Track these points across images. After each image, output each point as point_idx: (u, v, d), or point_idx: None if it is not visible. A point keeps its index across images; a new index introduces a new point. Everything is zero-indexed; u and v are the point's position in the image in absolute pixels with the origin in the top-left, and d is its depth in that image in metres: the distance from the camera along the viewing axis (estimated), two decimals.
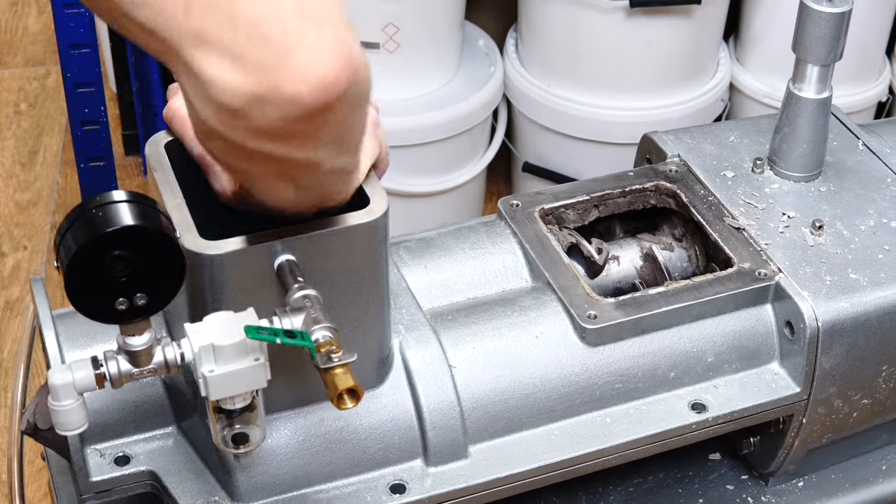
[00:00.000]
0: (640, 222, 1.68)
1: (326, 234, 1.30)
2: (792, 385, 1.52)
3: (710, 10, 2.23)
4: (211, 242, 1.28)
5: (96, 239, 1.15)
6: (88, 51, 2.18)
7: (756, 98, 2.41)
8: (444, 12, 2.27)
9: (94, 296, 1.18)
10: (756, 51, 2.39)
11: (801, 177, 1.64)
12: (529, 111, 2.37)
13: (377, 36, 2.20)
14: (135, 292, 1.19)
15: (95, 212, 1.17)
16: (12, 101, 2.91)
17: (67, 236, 1.17)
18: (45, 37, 3.11)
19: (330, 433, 1.41)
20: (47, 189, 2.74)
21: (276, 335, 1.20)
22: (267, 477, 1.39)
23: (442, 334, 1.46)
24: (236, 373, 1.22)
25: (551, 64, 2.30)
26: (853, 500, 1.65)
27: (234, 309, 1.25)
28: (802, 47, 1.57)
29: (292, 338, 1.20)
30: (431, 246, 1.58)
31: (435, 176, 2.31)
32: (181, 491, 1.40)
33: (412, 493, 1.41)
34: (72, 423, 1.24)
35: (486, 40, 2.46)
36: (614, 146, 2.30)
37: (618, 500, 1.63)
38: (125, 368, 1.24)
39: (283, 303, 1.26)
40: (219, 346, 1.21)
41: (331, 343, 1.21)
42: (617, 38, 2.21)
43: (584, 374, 1.48)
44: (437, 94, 2.33)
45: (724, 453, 1.68)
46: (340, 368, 1.21)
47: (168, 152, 1.38)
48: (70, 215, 1.18)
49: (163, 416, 1.44)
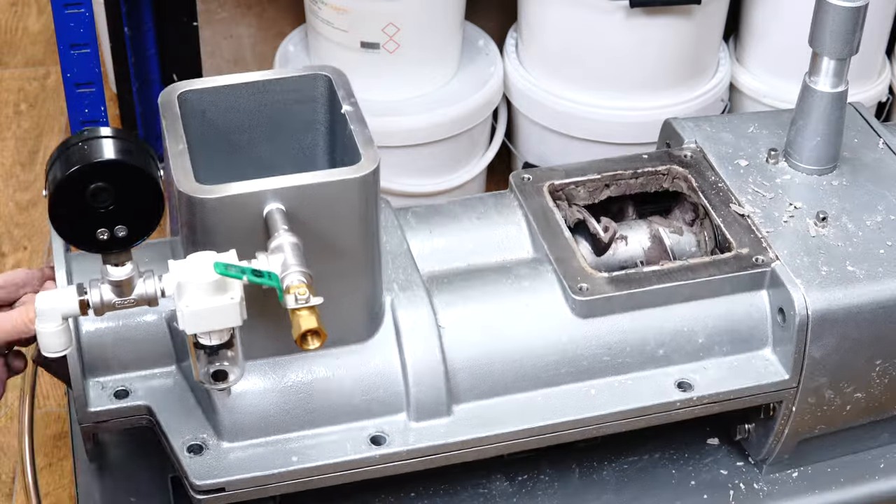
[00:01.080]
0: (655, 206, 1.70)
1: (315, 186, 1.35)
2: (782, 372, 1.53)
3: (710, 10, 2.23)
4: (205, 187, 1.34)
5: (79, 170, 1.22)
6: (88, 51, 2.18)
7: (756, 98, 2.40)
8: (444, 12, 2.28)
9: (76, 224, 1.25)
10: (756, 50, 2.39)
11: (814, 169, 1.65)
12: (529, 111, 2.37)
13: (377, 36, 2.22)
14: (115, 224, 1.25)
15: (81, 145, 1.24)
16: (12, 101, 2.90)
17: (55, 166, 1.24)
18: (45, 37, 3.09)
19: (315, 381, 1.46)
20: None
21: (244, 273, 1.25)
22: (252, 418, 1.44)
23: (435, 296, 1.51)
24: (212, 309, 1.28)
25: (551, 64, 2.31)
26: (846, 494, 1.66)
27: (224, 251, 1.31)
28: (818, 41, 1.58)
29: (259, 276, 1.25)
30: (439, 213, 1.63)
31: (435, 176, 2.33)
32: (172, 426, 1.47)
33: (392, 445, 1.46)
34: (55, 345, 1.31)
35: (486, 40, 2.46)
36: (614, 146, 2.30)
37: (611, 475, 1.66)
38: (108, 298, 1.31)
39: (266, 246, 1.32)
40: (195, 282, 1.27)
41: (299, 286, 1.26)
42: (617, 38, 2.21)
43: (572, 345, 1.51)
44: (437, 94, 2.34)
45: (723, 439, 1.69)
46: (306, 310, 1.26)
47: (180, 104, 1.44)
48: (59, 146, 1.25)
49: (165, 356, 1.50)
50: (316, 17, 2.28)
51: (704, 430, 1.70)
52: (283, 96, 1.49)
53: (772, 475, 1.66)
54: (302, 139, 1.52)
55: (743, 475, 1.66)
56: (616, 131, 2.32)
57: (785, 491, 1.65)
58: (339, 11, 2.23)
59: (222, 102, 1.48)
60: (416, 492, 1.63)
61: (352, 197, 1.37)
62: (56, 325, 1.30)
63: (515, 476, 1.65)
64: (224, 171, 1.49)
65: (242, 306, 1.29)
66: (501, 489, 1.64)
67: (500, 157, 2.55)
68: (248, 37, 2.75)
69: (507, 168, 2.61)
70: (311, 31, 2.34)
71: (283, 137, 1.52)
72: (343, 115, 1.44)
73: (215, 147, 1.49)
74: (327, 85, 1.48)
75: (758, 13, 2.37)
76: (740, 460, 1.67)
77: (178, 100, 1.45)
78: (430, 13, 2.27)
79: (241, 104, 1.48)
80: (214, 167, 1.49)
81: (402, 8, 2.23)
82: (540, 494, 1.63)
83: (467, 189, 2.42)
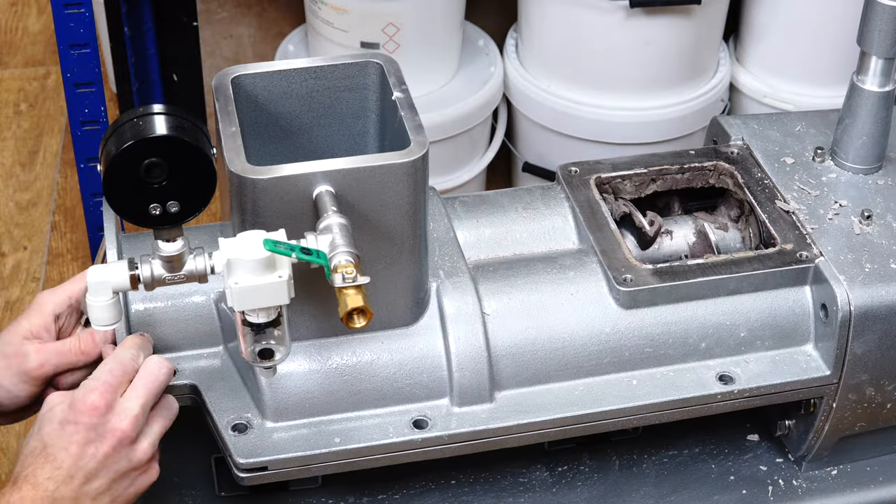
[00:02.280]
0: (700, 202, 1.71)
1: (364, 170, 1.37)
2: (823, 367, 1.54)
3: (710, 10, 2.24)
4: (257, 168, 1.36)
5: (133, 145, 1.25)
6: (88, 51, 2.18)
7: (756, 98, 2.41)
8: (444, 12, 2.29)
9: (130, 198, 1.28)
10: (756, 51, 2.39)
11: (860, 168, 1.65)
12: (529, 111, 2.38)
13: (377, 36, 2.23)
14: (168, 199, 1.28)
15: (136, 120, 1.26)
16: (12, 101, 2.93)
17: (110, 141, 1.27)
18: (45, 37, 3.12)
19: (360, 364, 1.47)
20: (47, 189, 2.75)
21: (293, 250, 1.27)
22: (296, 399, 1.46)
23: (481, 283, 1.52)
24: (260, 287, 1.30)
25: (551, 64, 2.32)
26: (885, 493, 1.66)
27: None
28: (866, 40, 1.59)
29: (308, 254, 1.27)
30: (486, 202, 1.64)
31: (435, 176, 2.32)
32: (218, 405, 1.48)
33: (434, 429, 1.47)
34: (105, 318, 1.34)
35: (486, 40, 2.48)
36: (614, 146, 2.31)
37: (651, 468, 1.67)
38: (158, 273, 1.33)
39: (315, 227, 1.34)
40: (244, 259, 1.29)
41: (347, 265, 1.28)
42: (617, 38, 2.22)
43: (615, 335, 1.52)
44: (437, 94, 2.35)
45: (763, 435, 1.70)
46: (352, 289, 1.27)
47: (234, 88, 1.47)
48: (114, 123, 1.27)
49: (212, 337, 1.52)
50: (316, 17, 2.30)
51: (744, 426, 1.71)
52: (335, 83, 1.51)
53: (811, 472, 1.66)
54: (353, 126, 1.54)
55: (782, 472, 1.66)
56: (616, 131, 2.33)
57: (823, 488, 1.65)
58: (339, 11, 2.25)
59: (275, 87, 1.50)
60: (456, 480, 1.64)
61: (400, 181, 1.39)
62: (107, 299, 1.32)
63: (556, 467, 1.66)
64: (275, 155, 1.51)
65: (290, 285, 1.31)
66: (541, 479, 1.65)
67: (500, 157, 2.56)
68: (248, 37, 2.77)
69: (507, 168, 2.62)
70: (311, 31, 2.36)
71: (333, 124, 1.54)
72: (393, 102, 1.46)
73: (267, 131, 1.51)
74: (379, 72, 1.50)
75: (758, 13, 2.38)
76: (780, 457, 1.68)
77: (232, 83, 1.47)
78: (430, 13, 2.28)
79: (294, 90, 1.50)
80: (265, 151, 1.51)
81: (402, 8, 2.24)
82: (580, 485, 1.65)
83: (467, 189, 2.43)
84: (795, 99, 2.39)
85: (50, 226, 2.66)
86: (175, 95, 2.43)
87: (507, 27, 2.52)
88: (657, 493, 1.64)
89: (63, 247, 2.60)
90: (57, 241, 2.60)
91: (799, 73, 2.39)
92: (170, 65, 2.42)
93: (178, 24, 2.36)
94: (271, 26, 2.76)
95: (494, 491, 1.63)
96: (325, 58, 1.52)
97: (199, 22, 2.37)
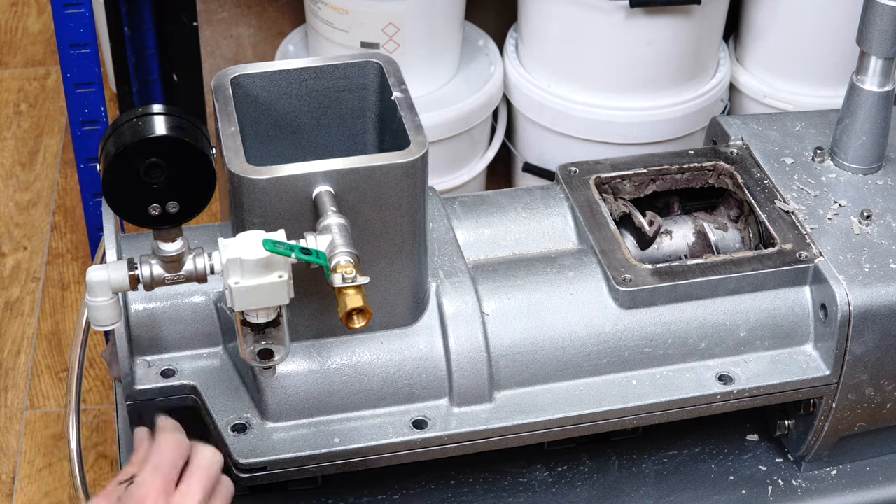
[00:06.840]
0: (701, 202, 1.71)
1: (364, 170, 1.37)
2: (822, 367, 1.54)
3: (710, 10, 2.24)
4: (256, 168, 1.37)
5: (132, 145, 1.25)
6: (88, 51, 2.15)
7: (756, 98, 2.41)
8: (444, 12, 2.29)
9: (129, 198, 1.27)
10: (756, 51, 2.39)
11: (859, 168, 1.66)
12: (529, 111, 2.38)
13: (377, 36, 2.23)
14: (167, 199, 1.28)
15: (136, 120, 1.26)
16: (12, 101, 2.92)
17: (109, 141, 1.26)
18: (45, 37, 3.11)
19: (360, 364, 1.47)
20: (47, 189, 2.75)
21: (293, 250, 1.27)
22: (296, 399, 1.46)
23: (480, 283, 1.52)
24: (259, 287, 1.30)
25: (551, 64, 2.32)
26: (885, 493, 1.66)
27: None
28: (866, 40, 1.59)
29: (307, 255, 1.27)
30: (486, 203, 1.64)
31: (435, 176, 2.33)
32: (217, 405, 1.49)
33: (433, 429, 1.47)
34: (104, 318, 1.33)
35: (486, 40, 2.47)
36: (614, 146, 2.31)
37: (650, 468, 1.67)
38: (157, 273, 1.33)
39: (314, 228, 1.34)
40: (244, 259, 1.28)
41: (347, 266, 1.28)
42: (617, 38, 2.22)
43: (615, 335, 1.52)
44: (437, 94, 2.35)
45: (763, 435, 1.70)
46: (352, 289, 1.27)
47: (233, 87, 1.47)
48: (114, 123, 1.27)
49: (211, 337, 1.53)
50: (316, 17, 2.30)
51: (744, 426, 1.71)
52: (335, 83, 1.51)
53: (810, 472, 1.66)
54: (352, 126, 1.54)
55: (782, 472, 1.66)
56: (616, 131, 2.33)
57: (823, 488, 1.65)
58: (339, 11, 2.25)
59: (275, 87, 1.50)
60: (456, 480, 1.64)
61: (400, 181, 1.39)
62: (106, 299, 1.32)
63: (555, 467, 1.66)
64: (274, 155, 1.52)
65: (290, 285, 1.31)
66: (541, 479, 1.65)
67: (500, 157, 2.56)
68: (248, 37, 2.77)
69: (507, 168, 2.62)
70: (311, 31, 2.36)
71: (333, 124, 1.54)
72: (393, 103, 1.46)
73: (266, 131, 1.51)
74: (379, 72, 1.50)
75: (758, 13, 2.38)
76: (779, 457, 1.68)
77: (231, 83, 1.47)
78: (430, 13, 2.28)
79: (293, 90, 1.50)
80: (265, 151, 1.51)
81: (402, 8, 2.24)
82: (579, 485, 1.65)
83: (467, 189, 2.43)
84: (795, 99, 2.39)
85: (50, 226, 2.66)
86: (175, 95, 2.43)
87: (507, 27, 2.52)
88: (657, 493, 1.64)
89: (63, 247, 2.60)
90: (57, 241, 2.61)
91: (799, 73, 2.39)
92: (170, 65, 2.42)
93: (178, 24, 2.36)
94: (271, 26, 2.75)
95: (494, 491, 1.63)
96: (325, 58, 1.52)
97: (199, 22, 2.37)
